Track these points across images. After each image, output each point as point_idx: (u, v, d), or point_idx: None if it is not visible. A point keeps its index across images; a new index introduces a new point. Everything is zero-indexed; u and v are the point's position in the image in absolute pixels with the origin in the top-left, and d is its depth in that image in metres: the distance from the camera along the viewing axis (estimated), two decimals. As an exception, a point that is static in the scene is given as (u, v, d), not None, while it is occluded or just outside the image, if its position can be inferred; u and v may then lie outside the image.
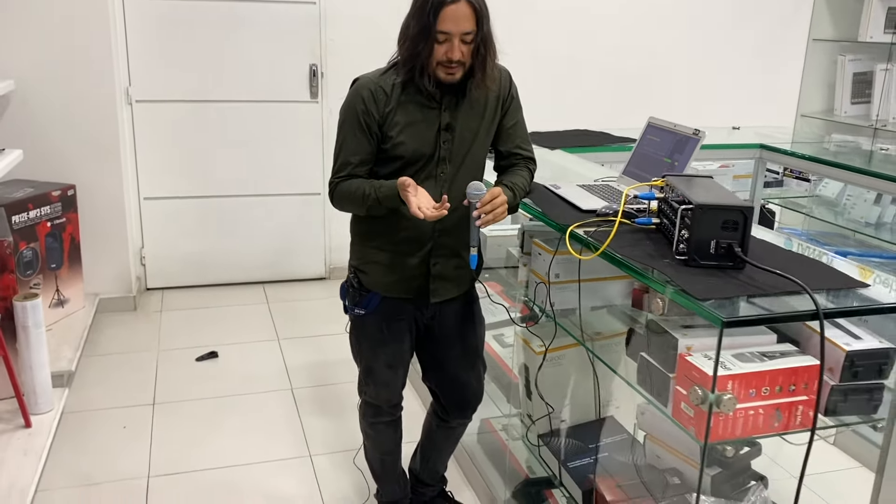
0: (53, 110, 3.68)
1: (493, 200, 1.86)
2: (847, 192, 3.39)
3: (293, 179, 4.36)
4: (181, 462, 2.74)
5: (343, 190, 1.98)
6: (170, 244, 4.28)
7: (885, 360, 1.50)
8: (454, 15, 1.82)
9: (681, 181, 1.75)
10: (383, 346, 2.13)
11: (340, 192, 1.99)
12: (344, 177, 1.98)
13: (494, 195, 1.87)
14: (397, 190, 1.87)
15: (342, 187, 1.98)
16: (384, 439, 2.30)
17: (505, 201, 1.89)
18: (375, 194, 1.92)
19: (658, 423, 1.87)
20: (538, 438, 2.26)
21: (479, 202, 1.85)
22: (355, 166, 1.97)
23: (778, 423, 1.48)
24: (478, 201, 1.85)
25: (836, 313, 1.46)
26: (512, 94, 2.09)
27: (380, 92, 1.93)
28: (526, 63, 4.43)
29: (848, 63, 4.89)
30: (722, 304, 1.42)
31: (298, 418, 3.06)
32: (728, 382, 1.42)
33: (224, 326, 3.88)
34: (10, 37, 3.55)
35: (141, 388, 3.25)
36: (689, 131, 2.08)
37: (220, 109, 4.17)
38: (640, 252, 1.69)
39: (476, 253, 1.88)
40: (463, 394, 2.26)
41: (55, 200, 3.51)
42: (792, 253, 1.73)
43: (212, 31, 4.04)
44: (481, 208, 1.85)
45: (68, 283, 3.67)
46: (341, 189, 1.98)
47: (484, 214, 1.85)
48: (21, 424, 2.77)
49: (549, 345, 2.14)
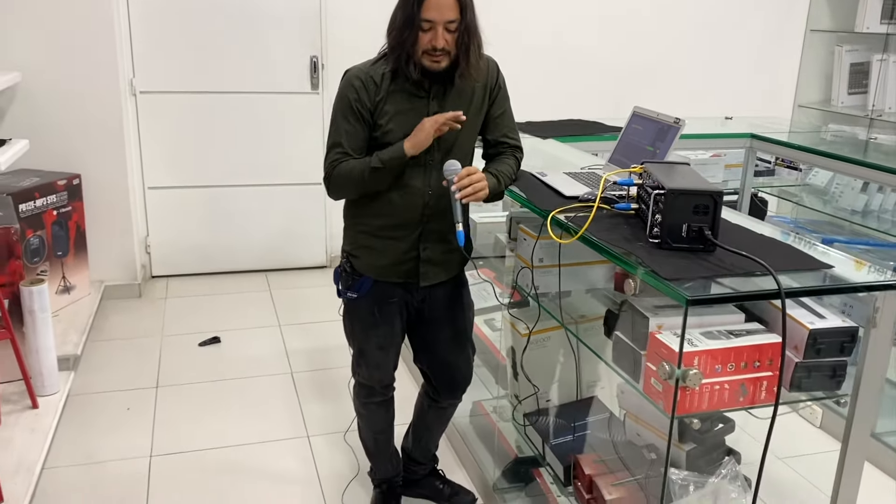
0: (59, 101, 3.76)
1: (470, 175, 1.93)
2: (836, 181, 3.45)
3: (295, 169, 4.44)
4: (183, 442, 2.83)
5: (341, 170, 2.01)
6: (174, 233, 4.37)
7: (848, 339, 1.57)
8: (437, 4, 1.89)
9: (658, 167, 1.81)
10: (375, 328, 2.20)
11: (338, 174, 2.02)
12: (337, 160, 2.02)
13: (470, 171, 1.94)
14: (402, 151, 1.94)
15: (339, 169, 2.02)
16: (377, 419, 2.38)
17: (483, 178, 1.96)
18: (378, 158, 1.97)
19: (636, 402, 1.94)
20: (524, 418, 2.33)
21: (455, 178, 1.92)
22: (350, 151, 2.02)
23: (743, 397, 1.55)
24: (455, 177, 1.92)
25: (799, 293, 1.53)
26: (499, 84, 2.15)
27: (370, 81, 2.00)
28: (521, 54, 4.50)
29: (845, 54, 4.93)
30: (689, 283, 1.48)
31: (297, 401, 3.15)
32: (694, 358, 1.49)
33: (227, 313, 3.96)
34: (16, 30, 3.63)
35: (145, 372, 3.34)
36: (671, 120, 2.14)
37: (223, 100, 4.24)
38: (616, 236, 1.76)
39: (461, 229, 1.94)
40: (453, 375, 2.33)
41: (61, 189, 3.60)
42: (764, 237, 1.80)
43: (214, 23, 4.11)
44: (458, 182, 1.92)
45: (74, 270, 3.76)
46: (339, 171, 2.02)
47: (461, 190, 1.91)
48: (28, 405, 2.87)
49: (533, 327, 2.21)
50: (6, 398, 2.89)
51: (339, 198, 2.13)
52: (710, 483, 1.69)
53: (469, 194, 1.93)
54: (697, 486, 1.69)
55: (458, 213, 1.94)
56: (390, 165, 1.98)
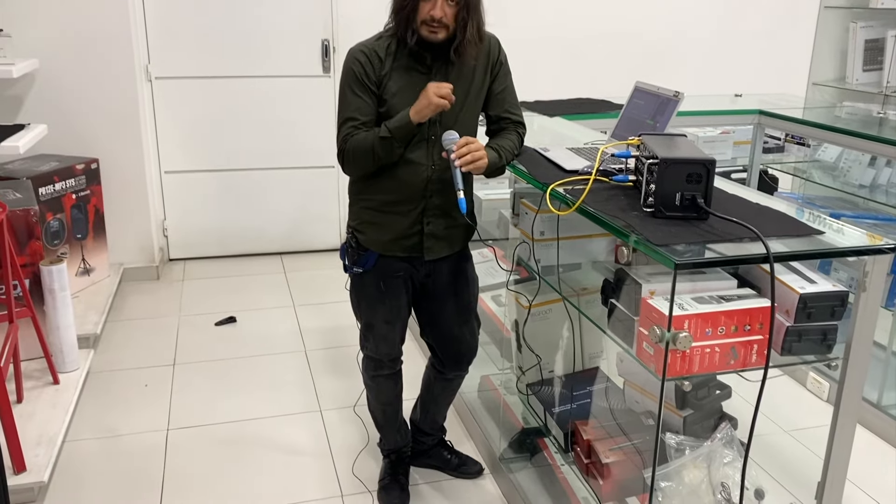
0: (76, 87, 3.85)
1: (469, 144, 1.97)
2: (844, 157, 3.44)
3: (308, 153, 4.50)
4: (199, 416, 2.91)
5: (353, 143, 2.04)
6: (191, 216, 4.45)
7: (838, 303, 1.60)
8: None
9: (654, 139, 1.84)
10: (381, 303, 2.25)
11: (351, 147, 2.05)
12: (351, 131, 2.05)
13: (469, 140, 1.98)
14: (407, 119, 1.97)
15: (351, 142, 2.05)
16: (385, 391, 2.43)
17: (481, 147, 2.00)
18: (385, 127, 2.01)
19: (635, 370, 1.98)
20: (527, 388, 2.38)
21: (455, 146, 1.97)
22: (361, 122, 2.05)
23: (734, 360, 1.58)
24: (454, 146, 1.97)
25: (786, 257, 1.56)
26: (501, 60, 2.18)
27: (374, 56, 2.05)
28: (532, 32, 4.52)
29: (860, 30, 4.88)
30: (678, 249, 1.52)
31: (311, 376, 3.22)
32: (685, 322, 1.53)
33: (243, 294, 4.04)
34: (34, 18, 3.71)
35: (162, 350, 3.42)
36: (670, 93, 2.17)
37: (236, 85, 4.31)
38: (612, 206, 1.79)
39: (463, 196, 1.97)
40: (458, 347, 2.38)
41: (79, 173, 3.68)
42: (759, 206, 1.82)
43: (227, 8, 4.17)
44: (458, 150, 1.96)
45: (94, 252, 3.85)
46: (351, 144, 2.05)
47: (460, 158, 1.95)
48: (49, 381, 2.96)
49: (534, 300, 2.25)
50: (28, 374, 2.99)
51: (354, 173, 2.15)
52: (704, 446, 1.72)
53: (468, 162, 1.97)
54: (692, 449, 1.73)
55: (458, 181, 1.98)
56: (398, 135, 2.00)
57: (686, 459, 1.67)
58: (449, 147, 1.98)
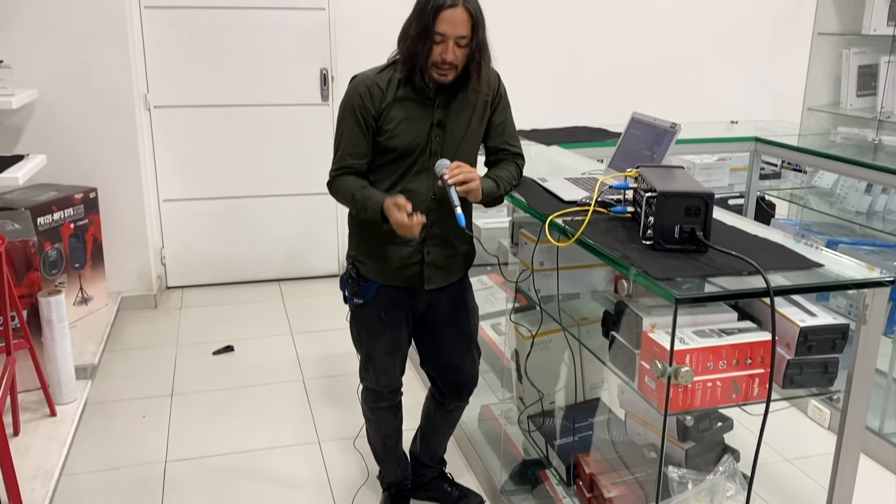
0: (75, 117, 3.86)
1: (460, 166, 2.01)
2: (840, 183, 3.46)
3: (306, 180, 4.52)
4: (197, 448, 2.89)
5: (339, 186, 2.13)
6: (189, 244, 4.45)
7: (839, 336, 1.60)
8: (451, 18, 1.95)
9: (651, 171, 1.85)
10: (382, 333, 2.25)
11: (337, 188, 2.15)
12: (342, 170, 2.12)
13: (460, 164, 2.02)
14: (381, 207, 2.01)
15: (339, 183, 2.13)
16: (385, 423, 2.42)
17: (473, 169, 2.03)
18: (364, 205, 2.06)
19: (636, 402, 1.98)
20: (528, 420, 2.37)
21: (447, 169, 2.01)
22: (353, 159, 2.10)
23: (736, 394, 1.58)
24: (446, 170, 2.01)
25: (787, 290, 1.56)
26: (501, 93, 2.20)
27: (376, 88, 2.06)
28: (527, 61, 4.56)
29: (853, 56, 4.93)
30: (679, 283, 1.52)
31: (308, 407, 3.20)
32: (686, 356, 1.52)
33: (240, 322, 4.03)
34: (33, 48, 3.74)
35: (160, 380, 3.41)
36: (667, 125, 2.18)
37: (235, 113, 4.33)
38: (611, 238, 1.79)
39: (461, 212, 1.99)
40: (458, 378, 2.37)
41: (78, 203, 3.68)
42: (757, 238, 1.83)
43: (226, 38, 4.20)
44: (450, 171, 2.00)
45: (91, 281, 3.84)
46: (338, 184, 2.14)
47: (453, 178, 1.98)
48: (47, 413, 2.94)
49: (537, 331, 2.25)
50: (25, 407, 2.97)
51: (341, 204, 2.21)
52: (707, 480, 1.71)
53: (461, 181, 1.99)
54: (695, 483, 1.72)
55: (454, 199, 1.99)
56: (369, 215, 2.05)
57: (689, 494, 1.66)
58: (441, 172, 2.02)
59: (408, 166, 2.10)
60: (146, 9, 4.06)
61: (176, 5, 4.10)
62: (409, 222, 1.95)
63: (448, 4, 1.94)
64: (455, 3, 1.94)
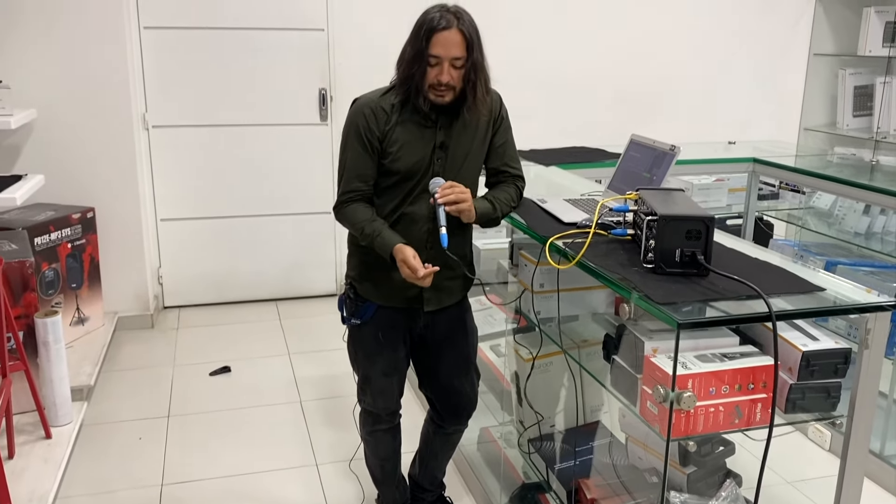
0: (74, 137, 3.86)
1: (453, 187, 2.02)
2: (839, 204, 3.46)
3: (304, 199, 4.51)
4: (193, 471, 2.86)
5: (347, 214, 2.13)
6: (186, 264, 4.44)
7: (842, 360, 1.59)
8: (445, 41, 1.96)
9: (651, 194, 1.85)
10: (379, 354, 2.24)
11: (344, 215, 2.14)
12: (350, 196, 2.11)
13: (453, 184, 2.03)
14: (391, 250, 2.03)
15: (347, 211, 2.13)
16: (383, 446, 2.40)
17: (466, 190, 2.04)
18: (372, 241, 2.07)
19: (637, 425, 1.96)
20: (528, 444, 2.35)
21: (439, 189, 2.02)
22: (360, 181, 2.10)
23: (739, 419, 1.56)
24: (438, 189, 2.02)
25: (789, 315, 1.55)
26: (502, 116, 2.21)
27: (380, 111, 2.07)
28: (526, 81, 4.57)
29: (848, 77, 4.96)
30: (681, 307, 1.51)
31: (306, 429, 3.18)
32: (688, 381, 1.51)
33: (237, 342, 4.01)
34: (32, 68, 3.74)
35: (156, 402, 3.38)
36: (666, 147, 2.18)
37: (234, 133, 4.33)
38: (612, 261, 1.79)
39: (445, 233, 2.00)
40: (457, 400, 2.35)
41: (75, 222, 3.67)
42: (758, 261, 1.82)
43: (225, 58, 4.21)
44: (442, 191, 2.01)
45: (88, 301, 3.82)
46: (345, 212, 2.13)
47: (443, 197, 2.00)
48: (42, 436, 2.91)
49: (538, 353, 2.24)
50: (20, 429, 2.94)
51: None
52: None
53: (451, 201, 2.00)
54: (698, 508, 1.70)
55: (441, 218, 2.01)
56: (377, 250, 2.06)
57: (692, 520, 1.64)
58: (434, 190, 2.03)
59: (410, 189, 2.10)
60: (145, 29, 4.08)
61: (175, 25, 4.11)
62: (419, 278, 1.98)
63: (441, 27, 1.96)
64: (448, 25, 1.96)
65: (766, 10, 5.00)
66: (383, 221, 2.09)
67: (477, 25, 2.02)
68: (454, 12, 1.99)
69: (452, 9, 2.00)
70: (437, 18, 1.96)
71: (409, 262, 1.99)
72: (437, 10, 1.99)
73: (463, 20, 1.98)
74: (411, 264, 1.98)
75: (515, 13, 4.56)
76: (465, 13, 2.01)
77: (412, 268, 1.98)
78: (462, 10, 2.01)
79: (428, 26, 1.97)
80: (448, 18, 1.96)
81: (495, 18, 4.43)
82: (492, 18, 4.30)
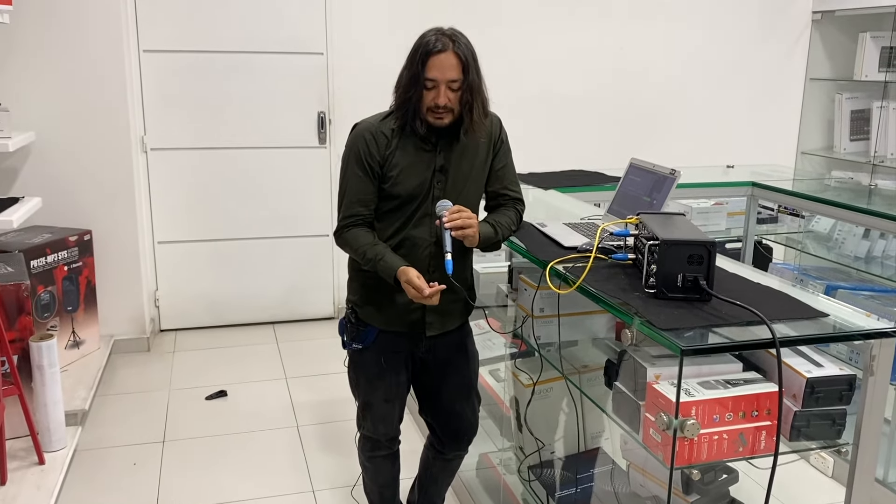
0: (72, 159, 3.86)
1: (461, 212, 2.00)
2: (838, 228, 3.46)
3: (302, 222, 4.50)
4: (188, 497, 2.82)
5: (349, 239, 2.11)
6: (183, 286, 4.41)
7: (846, 387, 1.57)
8: (440, 63, 1.96)
9: (652, 218, 1.84)
10: (381, 380, 2.21)
11: (346, 240, 2.12)
12: (351, 221, 2.10)
13: (461, 208, 2.01)
14: (395, 273, 2.01)
15: (348, 236, 2.11)
16: (382, 472, 2.37)
17: (473, 215, 2.03)
18: (375, 264, 2.05)
19: (639, 452, 1.94)
20: (528, 471, 2.32)
21: (447, 212, 2.00)
22: (361, 206, 2.09)
23: (743, 447, 1.54)
24: (445, 212, 2.00)
25: (793, 341, 1.54)
26: (502, 139, 2.21)
27: (380, 135, 2.06)
28: (524, 105, 4.59)
29: (845, 101, 4.99)
30: (684, 333, 1.50)
31: (303, 454, 3.14)
32: (692, 408, 1.49)
33: (234, 366, 3.98)
34: (31, 91, 3.75)
35: (152, 427, 3.34)
36: (666, 171, 2.18)
37: (233, 156, 4.33)
38: (613, 286, 1.77)
39: (450, 258, 1.98)
40: (458, 426, 2.33)
41: (72, 245, 3.66)
42: (760, 286, 1.81)
43: (224, 81, 4.22)
44: (449, 216, 1.99)
45: (84, 325, 3.80)
46: (347, 237, 2.11)
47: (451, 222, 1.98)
48: (35, 461, 2.87)
49: (538, 378, 2.22)
50: (13, 454, 2.90)
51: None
52: (714, 535, 1.67)
53: (458, 226, 1.98)
54: (701, 538, 1.68)
55: (447, 244, 1.98)
56: (380, 273, 2.05)
57: (696, 550, 1.62)
58: (441, 213, 2.01)
59: (411, 213, 2.09)
60: (145, 52, 4.09)
61: (175, 49, 4.12)
62: (426, 297, 1.96)
63: (437, 50, 1.96)
64: (444, 48, 1.96)
65: (763, 36, 5.03)
66: (385, 245, 2.08)
67: (473, 48, 2.02)
68: (450, 35, 1.99)
69: (448, 32, 2.00)
70: (432, 42, 1.97)
71: (415, 282, 1.97)
72: (433, 33, 2.00)
73: (458, 43, 1.98)
74: (416, 284, 1.97)
75: (515, 37, 4.58)
76: (461, 35, 2.01)
77: (418, 287, 1.96)
78: (458, 33, 2.02)
79: (423, 50, 1.98)
80: (443, 41, 1.97)
81: (495, 42, 4.46)
82: (491, 42, 4.34)
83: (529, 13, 4.60)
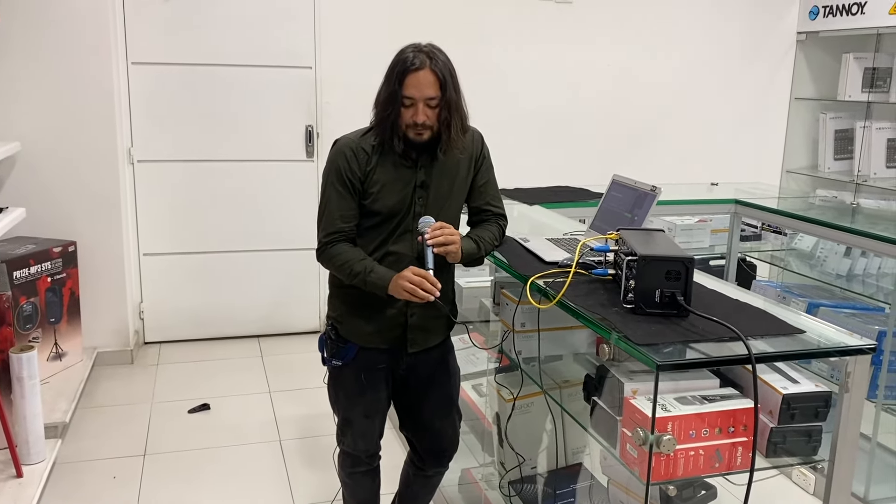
0: (57, 170, 3.84)
1: (443, 228, 2.01)
2: (820, 246, 3.49)
3: (289, 235, 4.50)
4: (167, 512, 2.80)
5: (332, 255, 2.08)
6: (168, 299, 4.39)
7: (822, 404, 1.58)
8: (417, 81, 1.97)
9: (632, 234, 1.85)
10: (361, 396, 2.20)
11: (329, 256, 2.09)
12: (333, 237, 2.09)
13: (443, 225, 2.02)
14: (388, 283, 1.99)
15: (331, 252, 2.09)
16: (362, 488, 2.36)
17: (455, 231, 2.03)
18: (364, 277, 2.03)
19: (619, 468, 1.94)
20: (509, 486, 2.31)
21: (429, 228, 2.00)
22: (343, 222, 2.08)
23: (719, 463, 1.55)
24: (428, 228, 2.00)
25: (769, 357, 1.54)
26: (483, 154, 2.21)
27: (360, 152, 2.06)
28: (510, 121, 4.61)
29: (829, 121, 5.04)
30: (661, 349, 1.50)
31: (285, 469, 3.12)
32: (668, 424, 1.50)
33: (218, 379, 3.95)
34: (18, 101, 3.74)
35: (133, 440, 3.31)
36: (647, 188, 2.20)
37: (220, 168, 4.33)
38: (593, 301, 1.78)
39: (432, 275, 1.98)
40: (439, 442, 2.32)
41: (56, 256, 3.64)
42: (738, 302, 1.82)
43: (212, 94, 4.23)
44: (431, 232, 1.99)
45: (67, 336, 3.77)
46: (330, 253, 2.09)
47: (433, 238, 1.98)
48: (13, 474, 2.84)
49: (518, 393, 2.22)
50: (-9, 467, 2.87)
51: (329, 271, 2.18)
52: (691, 551, 1.67)
53: (440, 243, 1.98)
54: (679, 554, 1.67)
55: (429, 261, 1.98)
56: (370, 287, 2.04)
57: (673, 566, 1.61)
58: (423, 230, 2.01)
59: (392, 228, 2.09)
60: (133, 64, 4.09)
61: (163, 61, 4.13)
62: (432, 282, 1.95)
63: (414, 67, 1.96)
64: (421, 65, 1.96)
65: (748, 55, 5.09)
66: (372, 259, 2.08)
67: (451, 63, 2.02)
68: (427, 52, 1.99)
69: (426, 48, 2.00)
70: (409, 59, 1.97)
71: (413, 278, 1.95)
72: (411, 49, 2.00)
73: (436, 60, 1.98)
74: (416, 279, 1.94)
75: (501, 55, 4.61)
76: (439, 52, 2.01)
77: (421, 275, 1.94)
78: (436, 49, 2.01)
79: (401, 67, 1.98)
80: (421, 59, 1.96)
81: (482, 59, 4.49)
82: (477, 60, 4.37)
83: (516, 30, 4.64)
